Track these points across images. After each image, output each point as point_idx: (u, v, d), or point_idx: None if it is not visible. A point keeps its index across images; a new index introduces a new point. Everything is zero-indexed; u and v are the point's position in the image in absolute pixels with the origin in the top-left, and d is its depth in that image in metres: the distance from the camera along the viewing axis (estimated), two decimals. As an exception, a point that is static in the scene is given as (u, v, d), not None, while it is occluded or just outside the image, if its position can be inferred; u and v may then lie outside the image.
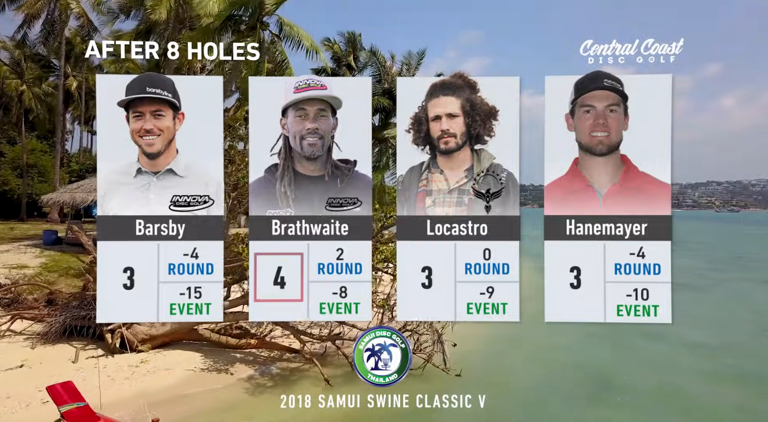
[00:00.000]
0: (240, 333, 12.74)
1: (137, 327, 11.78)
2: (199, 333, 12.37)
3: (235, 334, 12.62)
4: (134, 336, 11.75)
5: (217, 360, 11.88)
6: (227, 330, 12.56)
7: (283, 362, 12.19)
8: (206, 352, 12.22)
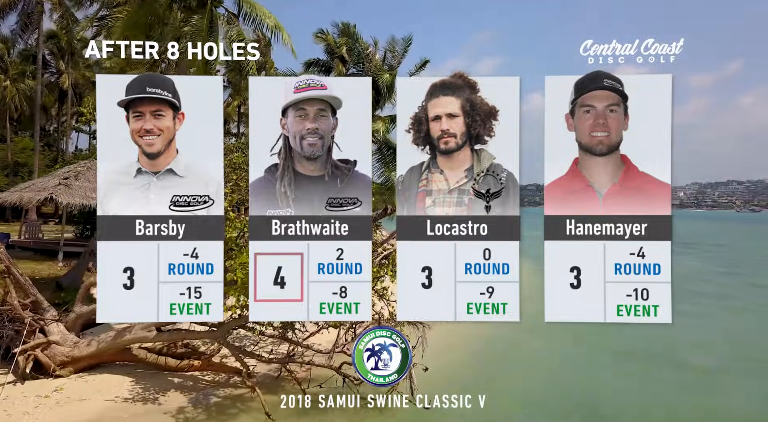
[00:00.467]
0: (185, 352, 10.80)
1: (57, 348, 9.96)
2: (133, 354, 10.49)
3: (177, 354, 10.73)
4: (52, 358, 9.84)
5: (150, 385, 9.98)
6: (170, 349, 10.69)
7: (229, 387, 10.26)
8: (140, 376, 10.22)
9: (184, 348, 10.78)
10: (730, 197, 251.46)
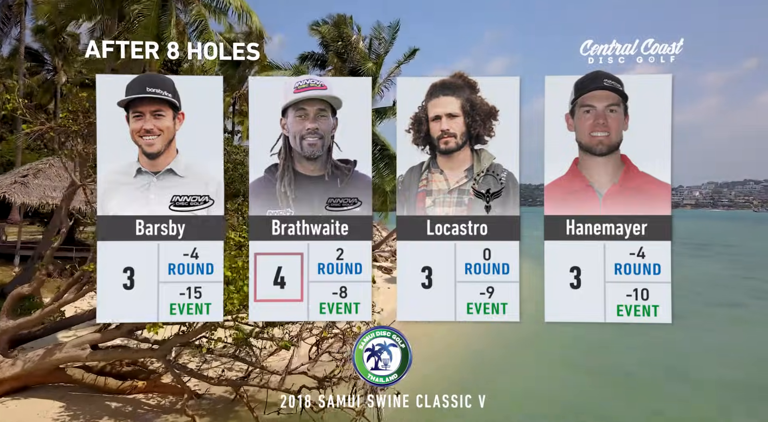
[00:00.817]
0: (131, 371, 9.71)
1: (-26, 369, 8.88)
2: (67, 374, 9.20)
3: (122, 373, 9.62)
4: (-30, 380, 8.73)
5: (81, 412, 8.64)
6: (114, 368, 9.60)
7: (172, 414, 8.91)
8: (72, 400, 8.96)
9: (132, 365, 9.73)
10: (747, 196, 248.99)
